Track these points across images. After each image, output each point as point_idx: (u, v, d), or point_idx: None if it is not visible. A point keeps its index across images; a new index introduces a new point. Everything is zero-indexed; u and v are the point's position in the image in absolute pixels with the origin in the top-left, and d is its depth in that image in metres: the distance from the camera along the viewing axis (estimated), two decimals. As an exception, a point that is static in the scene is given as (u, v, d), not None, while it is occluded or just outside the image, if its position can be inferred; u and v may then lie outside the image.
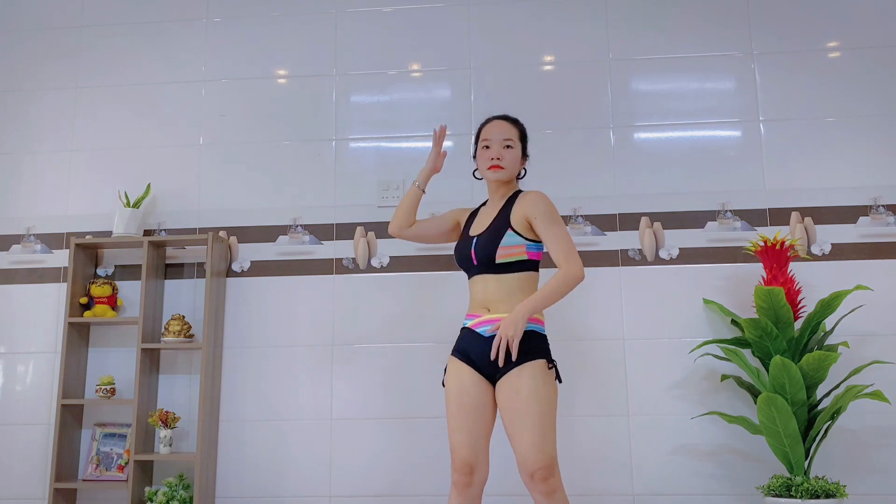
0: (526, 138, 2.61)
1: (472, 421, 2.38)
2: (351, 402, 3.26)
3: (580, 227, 3.30)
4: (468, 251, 2.51)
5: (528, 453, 2.27)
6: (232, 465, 3.25)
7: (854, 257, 3.18)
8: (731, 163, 3.31)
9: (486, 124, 2.61)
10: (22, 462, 3.30)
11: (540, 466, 2.26)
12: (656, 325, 3.20)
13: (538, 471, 2.26)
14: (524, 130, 2.62)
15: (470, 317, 2.50)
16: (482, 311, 2.47)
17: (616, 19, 3.46)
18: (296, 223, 3.42)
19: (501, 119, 2.60)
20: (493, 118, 2.62)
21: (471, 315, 2.50)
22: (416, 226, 2.73)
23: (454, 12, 3.53)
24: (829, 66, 3.35)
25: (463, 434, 2.37)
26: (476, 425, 2.38)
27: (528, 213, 2.44)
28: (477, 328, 2.44)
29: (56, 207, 3.51)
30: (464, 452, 2.36)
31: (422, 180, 2.72)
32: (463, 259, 2.55)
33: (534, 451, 2.27)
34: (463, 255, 2.54)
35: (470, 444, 2.37)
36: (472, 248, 2.49)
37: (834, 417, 2.81)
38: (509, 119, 2.60)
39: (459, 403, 2.39)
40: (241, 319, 3.35)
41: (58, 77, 3.62)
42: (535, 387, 2.31)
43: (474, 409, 2.39)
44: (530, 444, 2.27)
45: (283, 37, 3.58)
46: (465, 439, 2.37)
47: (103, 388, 3.21)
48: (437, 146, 2.73)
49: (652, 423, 3.14)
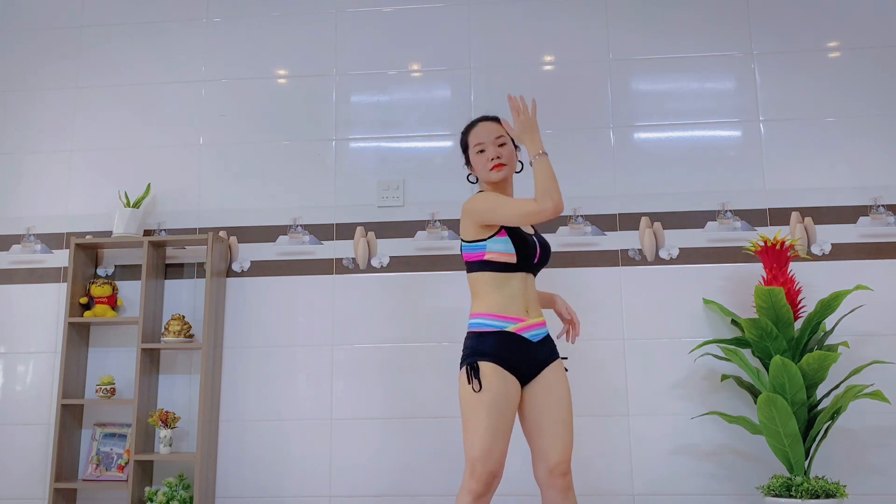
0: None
1: (509, 428, 2.35)
2: (351, 402, 3.26)
3: (580, 227, 3.30)
4: (533, 245, 2.48)
5: (556, 446, 2.34)
6: (232, 465, 3.25)
7: (854, 257, 3.18)
8: (731, 163, 3.31)
9: (472, 129, 2.59)
10: (22, 462, 3.31)
11: (564, 459, 2.35)
12: (656, 325, 3.20)
13: (562, 464, 2.33)
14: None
15: (510, 319, 2.41)
16: (523, 314, 2.43)
17: (616, 19, 3.46)
18: (296, 223, 3.42)
19: (485, 121, 2.59)
20: (475, 122, 2.60)
21: (511, 318, 2.41)
22: None
23: (454, 12, 3.53)
24: (829, 66, 3.35)
25: (501, 442, 2.31)
26: (509, 435, 2.35)
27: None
28: (523, 332, 2.41)
29: (56, 207, 3.51)
30: (496, 462, 2.30)
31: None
32: (525, 251, 2.46)
33: (563, 444, 2.35)
34: (527, 248, 2.46)
35: (503, 452, 2.33)
36: (537, 244, 2.50)
37: (834, 417, 2.81)
38: (491, 118, 2.60)
39: (502, 411, 2.32)
40: (241, 319, 3.35)
41: (58, 77, 3.63)
42: (564, 384, 2.44)
43: (513, 416, 2.37)
44: (560, 437, 2.35)
45: (283, 37, 3.58)
46: (501, 447, 2.31)
47: (103, 388, 3.21)
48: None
49: (652, 423, 3.14)
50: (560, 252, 3.27)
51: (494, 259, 2.43)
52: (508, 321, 2.41)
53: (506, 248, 2.42)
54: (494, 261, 2.43)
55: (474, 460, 2.29)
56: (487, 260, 2.43)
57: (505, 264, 2.43)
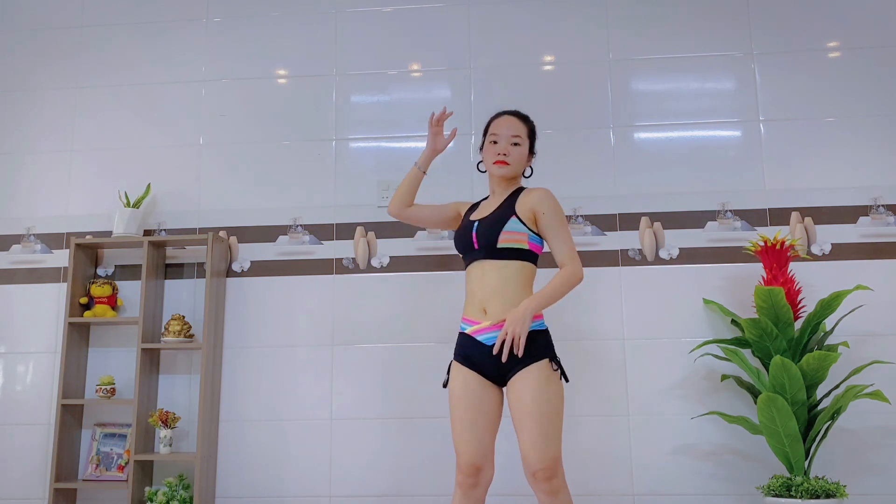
0: (535, 136, 2.61)
1: (478, 420, 2.37)
2: (351, 402, 3.26)
3: (580, 227, 3.30)
4: (469, 234, 2.49)
5: (529, 453, 2.28)
6: (232, 465, 3.25)
7: (854, 257, 3.18)
8: (731, 163, 3.31)
9: (497, 118, 2.60)
10: (22, 462, 3.31)
11: (541, 467, 2.27)
12: (656, 325, 3.20)
13: (539, 471, 2.27)
14: (534, 128, 2.61)
15: (467, 321, 2.46)
16: (479, 313, 2.43)
17: (616, 19, 3.46)
18: (296, 223, 3.42)
19: (512, 115, 2.59)
20: (503, 113, 2.61)
21: (468, 320, 2.46)
22: (415, 208, 2.70)
23: (454, 12, 3.53)
24: (829, 66, 3.35)
25: (469, 434, 2.36)
26: (481, 425, 2.38)
27: (536, 207, 2.44)
28: (477, 335, 2.41)
29: (56, 207, 3.51)
30: (470, 453, 2.35)
31: (422, 161, 2.70)
32: (463, 242, 2.52)
33: (535, 451, 2.27)
34: (464, 239, 2.51)
35: (476, 443, 2.36)
36: (474, 230, 2.48)
37: (834, 417, 2.81)
38: (520, 115, 2.60)
39: (466, 405, 2.38)
40: (241, 319, 3.35)
41: (58, 77, 3.63)
42: (540, 387, 2.31)
43: (480, 409, 2.38)
44: (531, 444, 2.28)
45: (283, 37, 3.58)
46: (471, 439, 2.36)
47: (103, 388, 3.21)
48: (434, 126, 2.68)
49: (652, 423, 3.14)
50: (560, 252, 3.27)
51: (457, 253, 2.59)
52: (466, 323, 2.48)
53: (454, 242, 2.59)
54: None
55: (456, 453, 2.40)
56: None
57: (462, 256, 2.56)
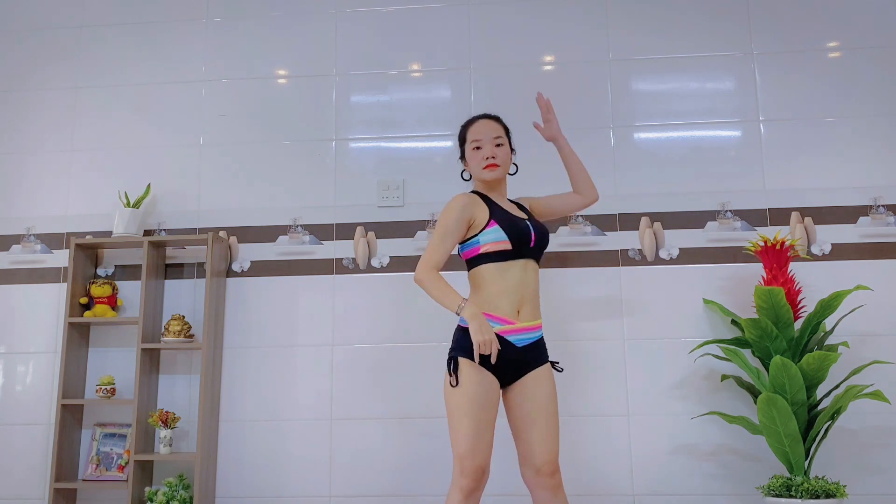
0: (510, 134, 2.63)
1: (492, 422, 2.36)
2: (351, 402, 3.26)
3: (580, 226, 3.30)
4: (527, 230, 2.45)
5: (538, 448, 2.34)
6: (232, 465, 3.25)
7: (854, 257, 3.18)
8: (731, 163, 3.31)
9: (472, 125, 2.60)
10: (22, 462, 3.30)
11: (549, 460, 2.34)
12: (656, 325, 3.20)
13: (546, 464, 2.33)
14: (507, 127, 2.63)
15: (498, 320, 2.40)
16: (513, 314, 2.41)
17: (616, 19, 3.46)
18: (296, 223, 3.42)
19: (487, 118, 2.60)
20: (477, 118, 2.62)
21: (499, 318, 2.40)
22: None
23: (454, 12, 3.53)
24: (829, 66, 3.35)
25: (487, 435, 2.34)
26: (492, 427, 2.37)
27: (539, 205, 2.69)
28: (508, 336, 2.39)
29: (56, 207, 3.51)
30: (483, 457, 2.32)
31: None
32: (520, 236, 2.43)
33: (544, 446, 2.35)
34: (521, 233, 2.43)
35: (488, 445, 2.35)
36: (532, 229, 2.46)
37: (834, 417, 2.81)
38: (493, 117, 2.61)
39: (484, 407, 2.34)
40: (241, 319, 3.35)
41: (58, 77, 3.63)
42: (552, 386, 2.44)
43: (493, 410, 2.37)
44: (541, 440, 2.35)
45: (283, 37, 3.58)
46: (489, 441, 2.34)
47: (103, 388, 3.21)
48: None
49: (652, 423, 3.14)
50: (560, 252, 3.27)
51: (490, 250, 2.42)
52: (496, 321, 2.40)
53: (498, 237, 2.42)
54: (491, 251, 2.42)
55: (462, 457, 2.31)
56: (484, 252, 2.43)
57: (502, 252, 2.42)
